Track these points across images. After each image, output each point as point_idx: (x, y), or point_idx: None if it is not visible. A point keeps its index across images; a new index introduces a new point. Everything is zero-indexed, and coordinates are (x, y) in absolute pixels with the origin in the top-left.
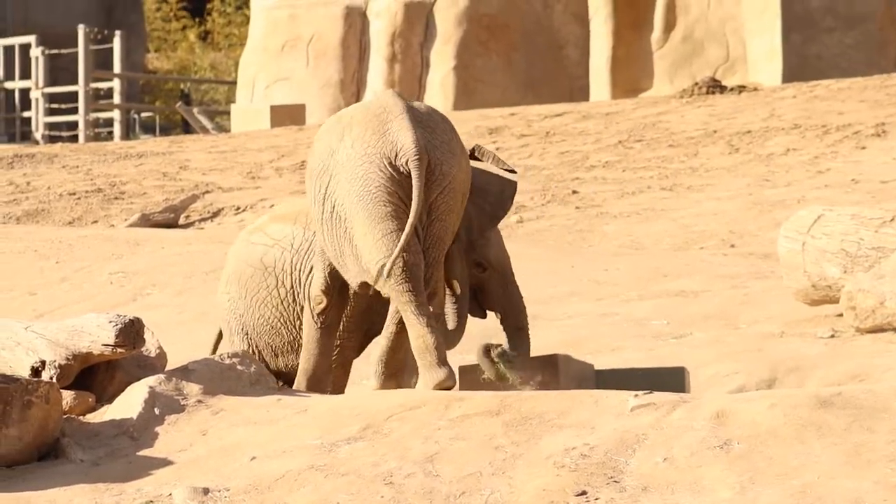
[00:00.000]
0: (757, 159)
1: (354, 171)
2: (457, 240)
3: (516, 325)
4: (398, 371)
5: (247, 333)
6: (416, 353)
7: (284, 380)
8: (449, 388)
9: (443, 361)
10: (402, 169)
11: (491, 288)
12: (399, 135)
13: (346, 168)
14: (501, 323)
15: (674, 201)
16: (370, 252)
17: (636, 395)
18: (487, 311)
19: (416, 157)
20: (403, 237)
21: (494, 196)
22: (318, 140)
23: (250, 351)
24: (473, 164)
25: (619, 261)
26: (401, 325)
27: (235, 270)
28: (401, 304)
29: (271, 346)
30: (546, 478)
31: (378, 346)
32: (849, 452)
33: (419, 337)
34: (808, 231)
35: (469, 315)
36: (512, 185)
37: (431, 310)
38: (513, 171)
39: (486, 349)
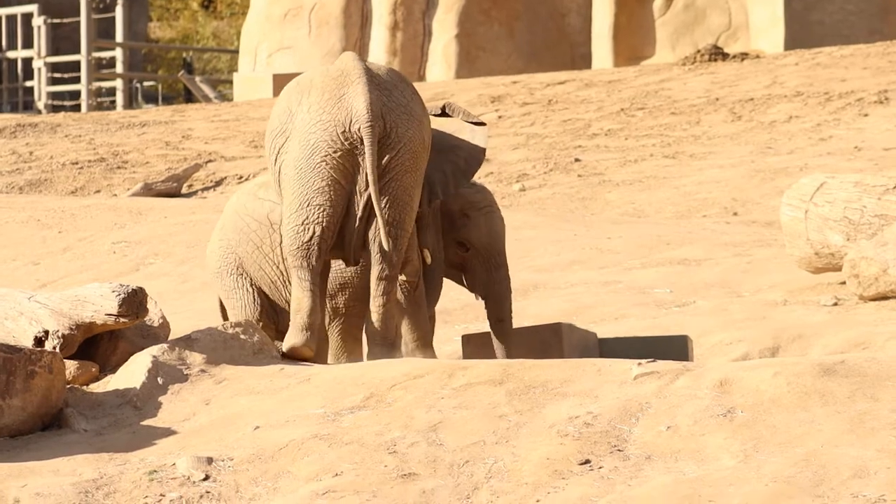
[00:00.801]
0: (759, 127)
1: (307, 136)
2: (427, 206)
3: (497, 315)
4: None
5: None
6: (291, 311)
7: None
8: (303, 357)
9: (307, 328)
10: (355, 135)
11: (473, 270)
12: (354, 100)
13: (299, 132)
14: (485, 308)
15: (676, 169)
16: (288, 218)
17: (639, 364)
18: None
19: (369, 123)
20: (374, 201)
21: (467, 150)
22: (279, 101)
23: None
24: (445, 121)
25: (622, 229)
26: (386, 295)
27: (237, 222)
28: (291, 266)
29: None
30: (549, 446)
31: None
32: (852, 420)
33: (297, 298)
34: (810, 199)
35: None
36: (483, 135)
37: (405, 278)
38: (482, 124)
39: None
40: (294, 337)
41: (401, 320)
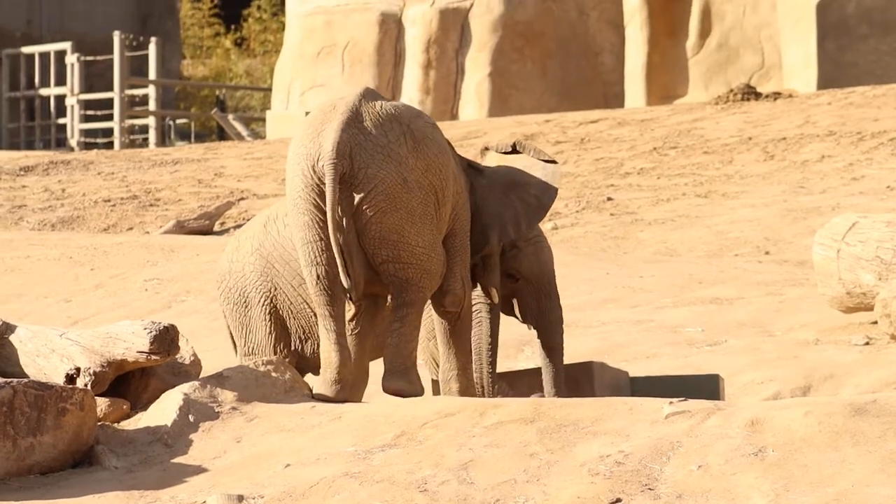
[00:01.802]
0: (792, 166)
1: (289, 171)
2: (497, 245)
3: (549, 344)
4: (412, 364)
5: (274, 307)
6: (321, 364)
7: (305, 366)
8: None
9: (338, 381)
10: (321, 171)
11: (524, 300)
12: (325, 137)
13: (288, 163)
14: (538, 337)
15: (708, 208)
16: (300, 258)
17: (671, 403)
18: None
19: (331, 161)
20: (332, 240)
21: (537, 187)
22: None
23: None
24: (516, 158)
25: (654, 268)
26: (401, 320)
27: (268, 246)
28: (318, 316)
29: (302, 328)
30: (580, 485)
31: (387, 346)
32: (884, 460)
33: (325, 351)
34: (842, 238)
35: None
36: (555, 173)
37: (445, 308)
38: (553, 162)
39: None
40: (324, 390)
41: (414, 347)
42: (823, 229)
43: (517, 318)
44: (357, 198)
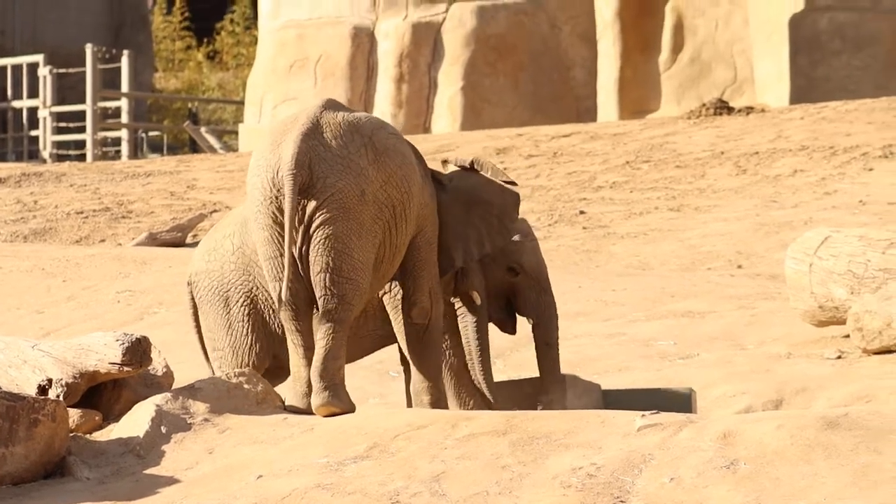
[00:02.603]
0: (764, 180)
1: (251, 181)
2: (461, 264)
3: (545, 339)
4: (340, 381)
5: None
6: (292, 379)
7: (283, 367)
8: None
9: (308, 394)
10: (280, 181)
11: (524, 293)
12: (285, 148)
13: (249, 175)
14: (533, 332)
15: (681, 222)
16: (264, 273)
17: (643, 416)
18: (516, 327)
19: (290, 171)
20: (286, 248)
21: (499, 208)
22: None
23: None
24: (476, 177)
25: (627, 281)
26: (329, 338)
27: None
28: (286, 331)
29: (282, 328)
30: (552, 497)
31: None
32: (856, 473)
33: (294, 365)
34: (815, 252)
35: (500, 329)
36: (514, 195)
37: (413, 321)
38: (513, 184)
39: None
40: (296, 402)
41: (342, 364)
42: (796, 243)
43: (508, 326)
44: (311, 206)
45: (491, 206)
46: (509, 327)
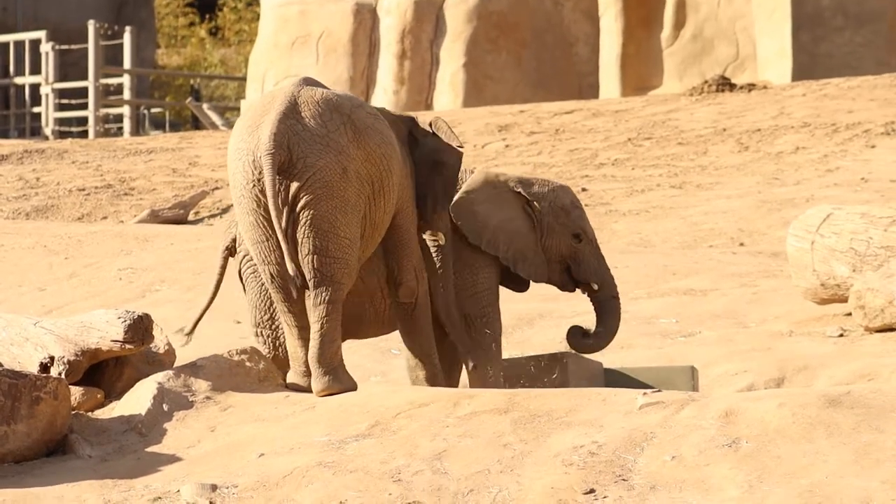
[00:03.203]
0: (766, 157)
1: (231, 165)
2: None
3: (612, 293)
4: (339, 362)
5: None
6: (289, 358)
7: None
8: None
9: (306, 374)
10: (258, 162)
11: (586, 259)
12: (262, 129)
13: (229, 159)
14: (592, 295)
15: (683, 199)
16: (252, 256)
17: (644, 394)
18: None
19: (269, 151)
20: (277, 230)
21: (450, 169)
22: None
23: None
24: (435, 139)
25: (628, 258)
26: (323, 320)
27: None
28: (279, 312)
29: None
30: (554, 476)
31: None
32: (857, 452)
33: (291, 346)
34: (816, 230)
35: (560, 289)
36: (457, 156)
37: (400, 300)
38: (460, 147)
39: None
40: (296, 380)
41: (339, 346)
42: (798, 221)
43: (569, 285)
44: (294, 187)
45: (445, 168)
46: (570, 286)
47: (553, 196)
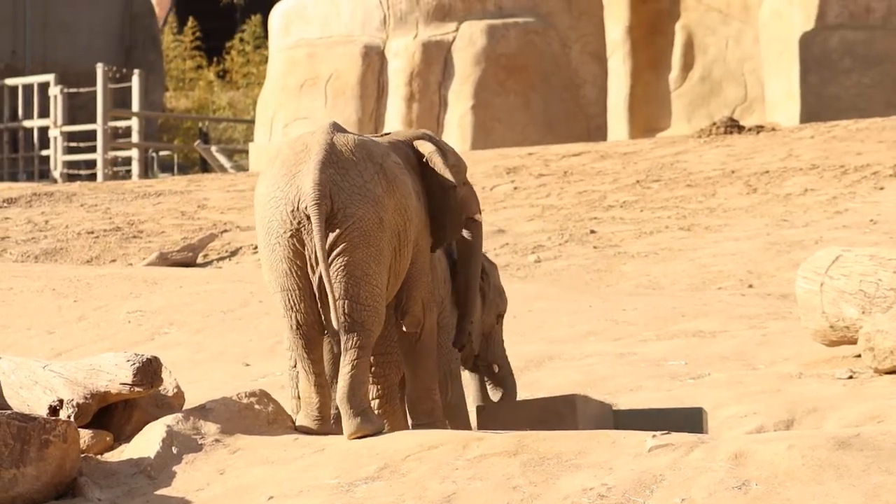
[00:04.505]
0: (775, 199)
1: (263, 212)
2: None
3: (510, 372)
4: (368, 404)
5: None
6: (302, 402)
7: None
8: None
9: (319, 419)
10: (303, 213)
11: (498, 340)
12: (304, 179)
13: (258, 205)
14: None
15: (691, 241)
16: (275, 297)
17: (654, 436)
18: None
19: (315, 202)
20: (325, 278)
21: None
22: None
23: None
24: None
25: (637, 301)
26: (353, 365)
27: None
28: (297, 359)
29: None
30: None
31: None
32: (867, 494)
33: (305, 391)
34: (826, 272)
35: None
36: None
37: (406, 329)
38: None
39: None
40: (307, 423)
41: (367, 389)
42: (806, 262)
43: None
44: (332, 236)
45: (452, 194)
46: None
47: (495, 273)
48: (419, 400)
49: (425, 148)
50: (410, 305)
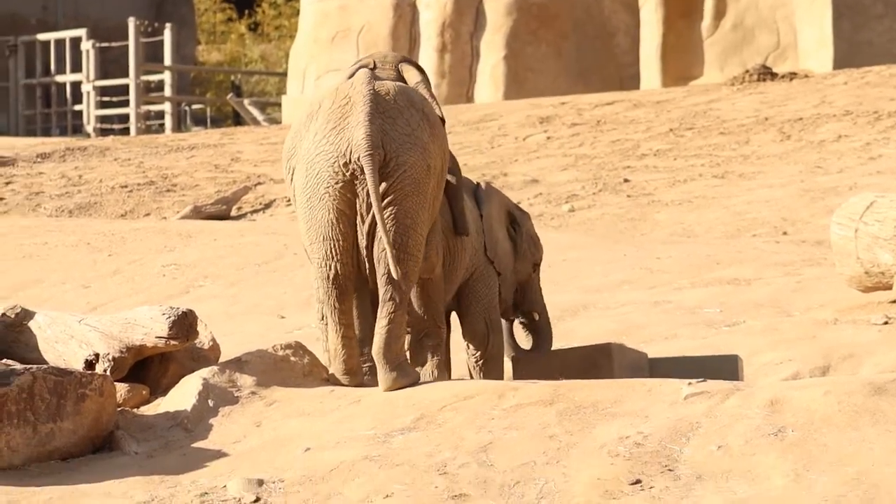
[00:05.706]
0: (808, 146)
1: (311, 165)
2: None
3: (548, 320)
4: (404, 358)
5: None
6: (329, 355)
7: None
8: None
9: (346, 371)
10: (356, 164)
11: (535, 288)
12: (355, 130)
13: (304, 159)
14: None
15: (725, 189)
16: (310, 248)
17: (689, 384)
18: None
19: (368, 153)
20: (380, 227)
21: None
22: (295, 119)
23: None
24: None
25: (672, 249)
26: (390, 318)
27: None
28: (326, 309)
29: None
30: (600, 467)
31: (378, 346)
32: None
33: (332, 343)
34: (860, 217)
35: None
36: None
37: (420, 275)
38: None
39: None
40: (337, 376)
41: (403, 343)
42: (841, 209)
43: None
44: (384, 186)
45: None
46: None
47: (528, 223)
48: (427, 336)
49: (411, 76)
50: (428, 251)
